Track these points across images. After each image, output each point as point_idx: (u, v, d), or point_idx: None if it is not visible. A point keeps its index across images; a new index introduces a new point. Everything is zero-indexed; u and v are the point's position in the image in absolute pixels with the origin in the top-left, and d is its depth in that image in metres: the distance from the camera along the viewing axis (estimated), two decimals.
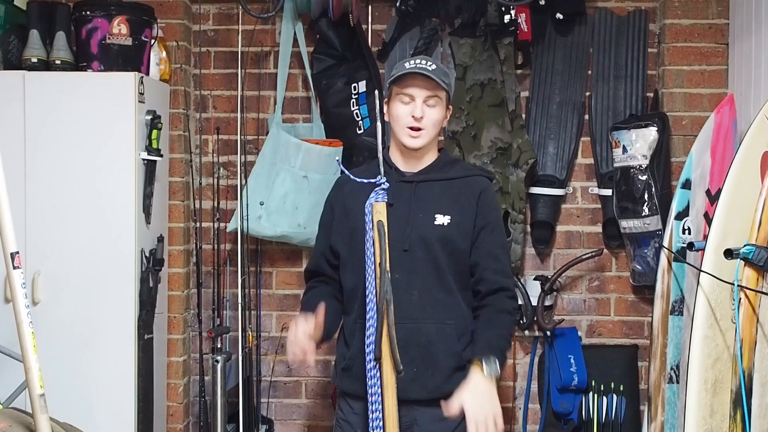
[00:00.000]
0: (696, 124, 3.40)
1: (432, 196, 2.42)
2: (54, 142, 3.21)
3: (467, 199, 2.44)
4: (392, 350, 2.20)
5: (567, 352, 3.54)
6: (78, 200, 3.22)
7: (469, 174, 2.52)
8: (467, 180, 2.48)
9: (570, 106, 3.63)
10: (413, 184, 2.43)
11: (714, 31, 3.48)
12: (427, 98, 2.38)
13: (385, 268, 2.22)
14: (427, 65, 2.39)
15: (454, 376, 2.37)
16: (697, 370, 2.47)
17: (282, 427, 3.77)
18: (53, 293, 3.21)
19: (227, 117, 3.75)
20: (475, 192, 2.45)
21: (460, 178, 2.47)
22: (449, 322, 2.39)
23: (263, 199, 3.45)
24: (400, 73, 2.39)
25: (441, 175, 2.46)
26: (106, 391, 3.21)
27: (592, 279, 3.69)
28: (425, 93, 2.38)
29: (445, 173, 2.47)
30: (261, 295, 3.74)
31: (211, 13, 3.76)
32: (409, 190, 2.41)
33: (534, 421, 3.68)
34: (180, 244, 3.63)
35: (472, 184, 2.47)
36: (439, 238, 2.39)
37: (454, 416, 2.21)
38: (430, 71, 2.37)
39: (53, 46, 3.27)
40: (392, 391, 2.22)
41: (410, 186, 2.42)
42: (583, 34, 3.66)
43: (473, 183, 2.48)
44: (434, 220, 2.40)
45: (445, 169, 2.49)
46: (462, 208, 2.43)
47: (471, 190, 2.46)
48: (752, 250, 2.30)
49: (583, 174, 3.69)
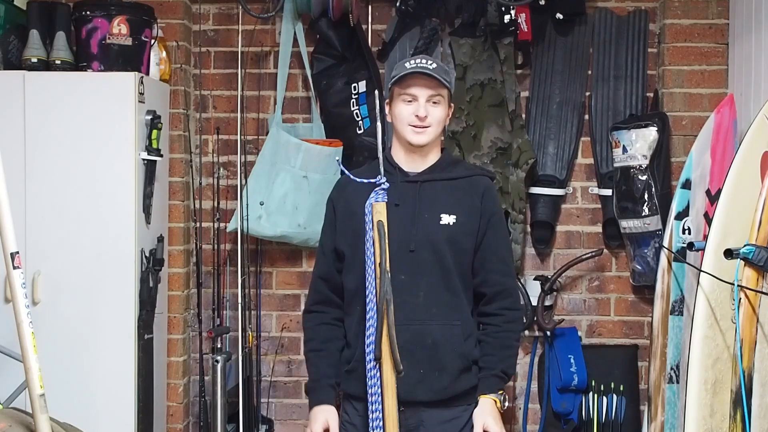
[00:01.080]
0: (696, 124, 3.40)
1: (436, 196, 2.42)
2: (54, 142, 3.21)
3: (471, 198, 2.44)
4: (392, 350, 2.20)
5: (567, 352, 3.54)
6: (78, 200, 3.22)
7: (472, 174, 2.52)
8: (470, 180, 2.48)
9: (570, 106, 3.63)
10: (417, 184, 2.42)
11: (714, 31, 3.48)
12: (429, 97, 2.38)
13: (385, 268, 2.22)
14: (428, 64, 2.39)
15: (461, 377, 2.38)
16: (697, 370, 2.47)
17: (282, 427, 3.77)
18: (53, 293, 3.21)
19: (227, 117, 3.75)
20: (478, 192, 2.46)
21: (463, 177, 2.47)
22: (455, 323, 2.39)
23: (263, 199, 3.45)
24: (402, 74, 2.39)
25: (445, 175, 2.46)
26: (106, 391, 3.21)
27: (592, 279, 3.69)
28: (428, 92, 2.38)
29: (449, 173, 2.47)
30: (261, 295, 3.74)
31: (211, 13, 3.76)
32: (414, 190, 2.41)
33: (534, 421, 3.68)
34: (180, 244, 3.63)
35: (475, 183, 2.47)
36: (445, 238, 2.39)
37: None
38: (431, 70, 2.37)
39: (53, 46, 3.27)
40: (392, 392, 2.21)
41: (414, 186, 2.42)
42: (583, 34, 3.66)
43: (476, 183, 2.48)
44: (440, 220, 2.40)
45: (449, 168, 2.48)
46: (467, 207, 2.43)
47: (475, 190, 2.46)
48: (752, 250, 2.30)
49: (583, 174, 3.69)
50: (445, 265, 2.38)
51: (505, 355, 2.43)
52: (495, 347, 2.42)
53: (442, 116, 2.42)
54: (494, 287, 2.43)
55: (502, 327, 2.43)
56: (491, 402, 2.37)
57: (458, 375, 2.38)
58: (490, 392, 2.39)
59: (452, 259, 2.39)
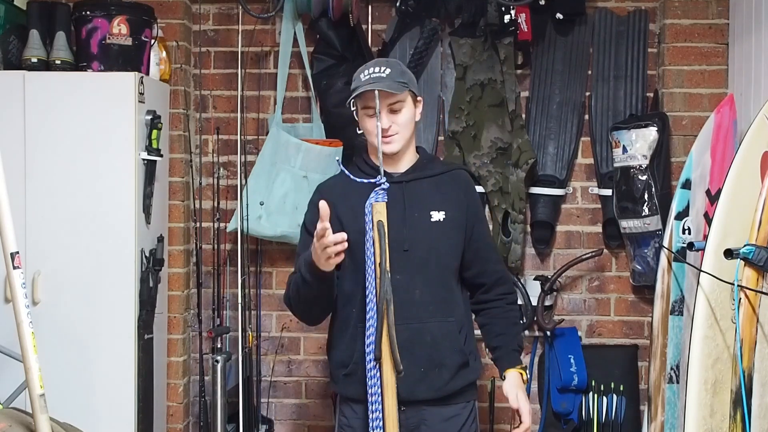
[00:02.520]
0: (696, 124, 3.40)
1: (423, 194, 2.44)
2: (54, 142, 3.21)
3: (455, 193, 2.48)
4: (392, 350, 2.20)
5: (567, 352, 3.54)
6: (78, 200, 3.22)
7: (451, 169, 2.58)
8: (450, 174, 2.53)
9: (570, 106, 3.63)
10: (402, 184, 2.43)
11: (714, 31, 3.48)
12: (389, 105, 2.37)
13: (385, 268, 2.22)
14: (382, 72, 2.34)
15: (460, 373, 2.42)
16: (697, 370, 2.47)
17: (282, 427, 3.77)
18: (53, 293, 3.21)
19: (227, 117, 3.75)
20: (461, 185, 2.51)
21: (443, 173, 2.52)
22: (451, 319, 2.42)
23: (263, 199, 3.45)
24: (358, 90, 2.35)
25: (427, 173, 2.49)
26: (106, 391, 3.21)
27: (592, 279, 3.69)
28: (386, 101, 2.35)
29: (430, 170, 2.50)
30: (261, 295, 3.74)
31: (211, 13, 3.76)
32: (400, 190, 2.41)
33: (534, 421, 3.66)
34: (180, 244, 3.63)
35: (455, 177, 2.53)
36: (437, 235, 2.41)
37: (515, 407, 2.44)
38: (384, 81, 2.32)
39: (53, 46, 3.27)
40: (392, 392, 2.21)
41: (400, 186, 2.42)
42: (583, 34, 3.66)
43: (456, 177, 2.53)
44: (430, 217, 2.42)
45: (429, 166, 2.52)
46: (454, 203, 2.47)
47: (456, 184, 2.51)
48: (752, 250, 2.30)
49: (583, 174, 3.69)
50: (439, 261, 2.42)
51: (515, 332, 2.56)
52: (505, 326, 2.54)
53: (408, 118, 2.41)
54: (492, 276, 2.54)
55: (506, 308, 2.56)
56: (518, 375, 2.47)
57: (457, 371, 2.41)
58: (515, 365, 2.48)
59: (445, 255, 2.43)
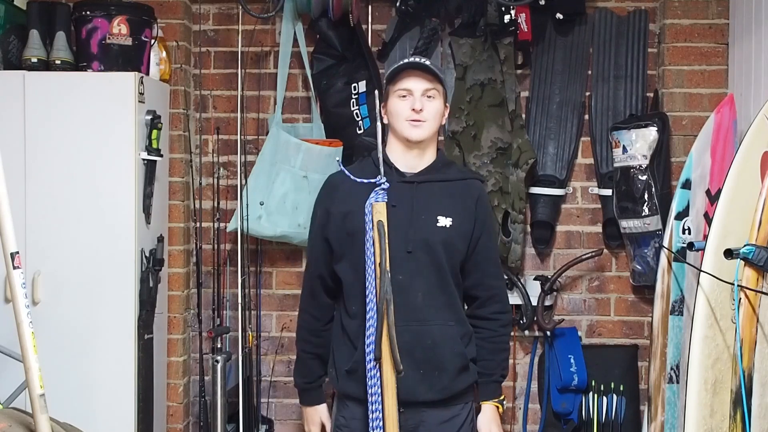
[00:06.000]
0: (696, 124, 3.40)
1: (433, 198, 2.42)
2: (54, 142, 3.21)
3: (466, 202, 2.46)
4: (392, 350, 2.20)
5: (567, 352, 3.54)
6: (78, 200, 3.22)
7: (466, 177, 2.55)
8: (465, 183, 2.51)
9: (570, 106, 3.63)
10: (413, 184, 2.42)
11: (714, 31, 3.48)
12: (425, 91, 2.39)
13: (385, 268, 2.22)
14: (422, 60, 2.43)
15: (460, 376, 2.42)
16: (697, 370, 2.47)
17: (282, 427, 3.77)
18: (53, 293, 3.21)
19: (227, 117, 3.75)
20: (473, 196, 2.49)
21: (458, 180, 2.49)
22: (451, 324, 2.42)
23: (263, 199, 3.45)
24: (396, 70, 2.41)
25: (440, 176, 2.46)
26: (106, 391, 3.21)
27: (592, 279, 3.69)
28: (423, 86, 2.39)
29: (444, 174, 2.48)
30: (261, 295, 3.74)
31: (211, 13, 3.76)
32: (410, 191, 2.41)
33: (534, 421, 3.68)
34: (180, 244, 3.63)
35: (469, 187, 2.51)
36: (441, 241, 2.40)
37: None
38: (425, 64, 2.40)
39: (53, 46, 3.27)
40: (392, 392, 2.22)
41: (411, 187, 2.41)
42: (583, 34, 3.66)
43: (471, 186, 2.51)
44: (437, 222, 2.41)
45: (444, 170, 2.50)
46: (462, 211, 2.45)
47: (469, 194, 2.48)
48: (752, 250, 2.30)
49: (583, 174, 3.69)
50: (441, 266, 2.41)
51: (501, 359, 2.54)
52: (492, 351, 2.50)
53: (439, 110, 2.42)
54: (488, 291, 2.51)
55: (498, 331, 2.52)
56: (494, 408, 2.50)
57: (457, 374, 2.41)
58: (492, 398, 2.50)
59: (447, 261, 2.41)
